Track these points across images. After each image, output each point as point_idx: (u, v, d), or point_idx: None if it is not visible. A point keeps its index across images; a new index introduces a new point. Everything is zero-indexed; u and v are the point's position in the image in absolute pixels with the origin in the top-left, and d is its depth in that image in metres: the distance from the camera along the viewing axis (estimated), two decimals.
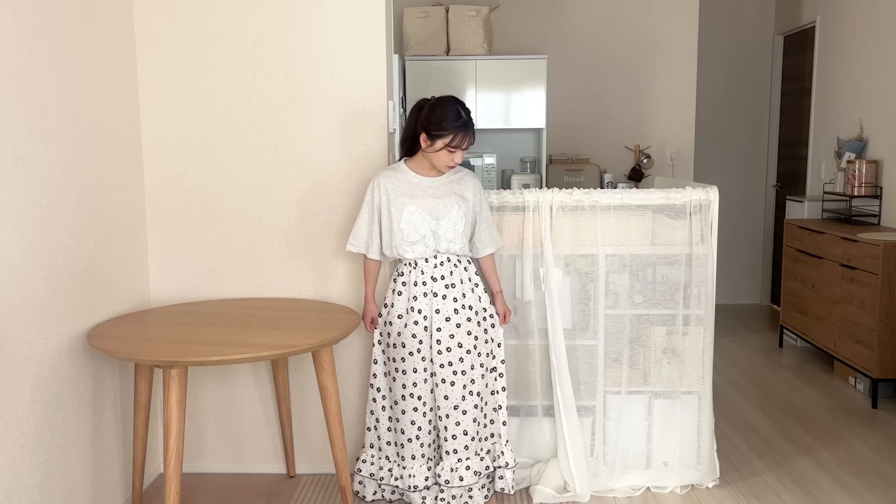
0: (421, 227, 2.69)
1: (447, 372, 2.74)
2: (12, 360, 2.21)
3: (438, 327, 2.73)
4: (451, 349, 2.73)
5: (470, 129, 2.66)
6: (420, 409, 2.76)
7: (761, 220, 6.47)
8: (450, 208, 2.70)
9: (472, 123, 2.67)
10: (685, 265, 3.01)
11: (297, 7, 2.97)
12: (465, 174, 2.81)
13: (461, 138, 2.63)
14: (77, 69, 2.56)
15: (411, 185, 2.73)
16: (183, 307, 2.92)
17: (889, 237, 3.96)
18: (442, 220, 2.70)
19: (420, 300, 2.72)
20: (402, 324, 2.74)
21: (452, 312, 2.73)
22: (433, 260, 2.73)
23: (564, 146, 5.48)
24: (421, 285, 2.73)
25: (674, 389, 3.06)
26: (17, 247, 2.23)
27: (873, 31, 4.76)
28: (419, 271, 2.73)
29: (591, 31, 5.43)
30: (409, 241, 2.70)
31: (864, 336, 4.03)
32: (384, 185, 2.73)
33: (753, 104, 6.35)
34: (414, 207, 2.69)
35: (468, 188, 2.77)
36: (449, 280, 2.73)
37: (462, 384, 2.75)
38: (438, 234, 2.70)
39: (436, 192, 2.72)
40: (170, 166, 3.05)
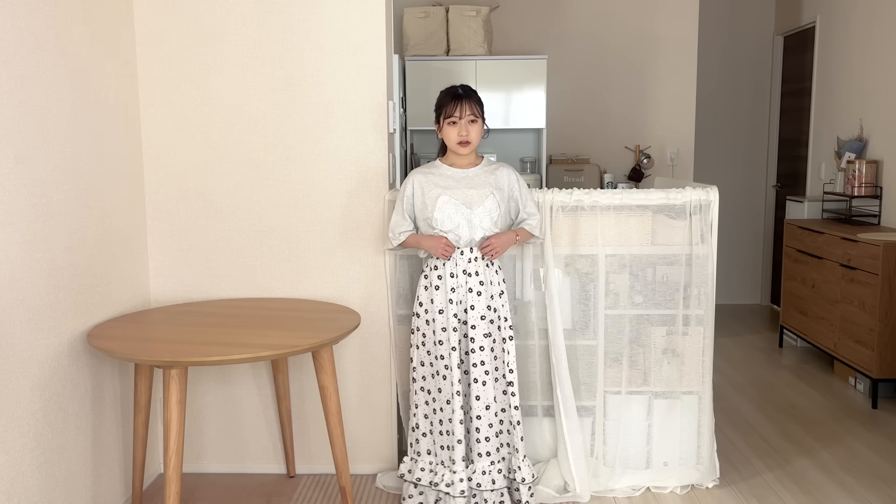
0: (455, 215, 2.70)
1: (479, 371, 2.71)
2: (12, 360, 2.21)
3: (473, 325, 2.71)
4: (484, 348, 2.71)
5: (463, 99, 2.70)
6: (457, 411, 2.69)
7: (761, 220, 6.47)
8: (484, 198, 2.71)
9: (467, 95, 2.72)
10: (685, 265, 3.01)
11: (297, 7, 2.97)
12: (500, 166, 2.83)
13: (452, 107, 2.69)
14: (77, 69, 2.56)
15: (444, 177, 2.75)
16: (183, 307, 2.92)
17: (889, 237, 3.96)
18: (476, 209, 2.70)
19: (457, 292, 2.71)
20: (445, 318, 2.71)
21: (486, 310, 2.72)
22: (468, 253, 2.72)
23: (564, 146, 5.47)
24: (455, 277, 2.71)
25: (674, 389, 3.05)
26: (17, 247, 2.23)
27: (873, 31, 4.76)
28: (453, 263, 2.72)
29: (591, 31, 5.43)
30: (444, 230, 2.71)
31: (864, 336, 4.03)
32: (417, 180, 2.76)
33: (753, 104, 6.35)
34: (447, 197, 2.70)
35: (503, 178, 2.78)
36: (483, 277, 2.73)
37: (492, 385, 2.72)
38: (473, 223, 2.70)
39: (469, 182, 2.74)
40: (170, 166, 3.05)
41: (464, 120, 2.70)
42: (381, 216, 3.04)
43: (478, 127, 2.73)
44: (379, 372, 3.14)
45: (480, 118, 2.74)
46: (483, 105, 2.76)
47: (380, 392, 3.15)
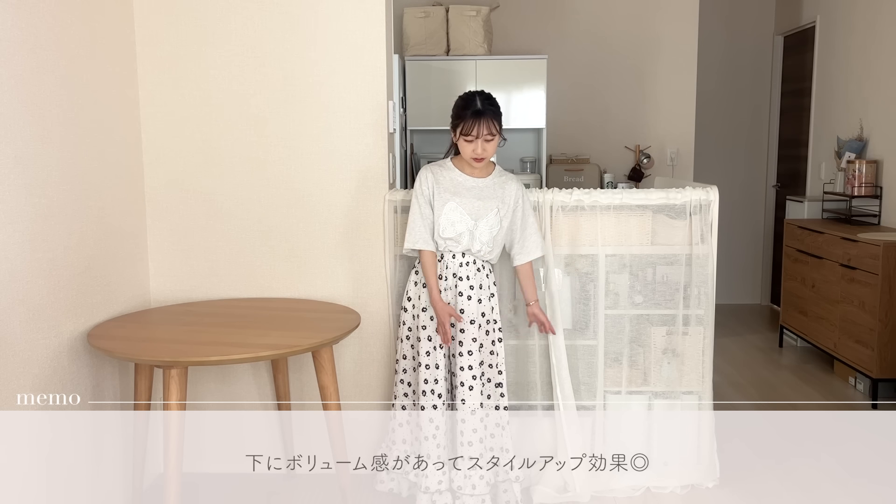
0: (458, 224, 2.68)
1: (466, 375, 2.71)
2: (12, 360, 2.21)
3: (462, 329, 2.71)
4: (473, 352, 2.71)
5: (483, 118, 2.60)
6: (440, 408, 2.71)
7: (761, 220, 6.47)
8: (489, 211, 2.70)
9: (488, 112, 2.62)
10: (685, 265, 3.00)
11: (297, 7, 2.97)
12: (510, 179, 2.79)
13: (470, 125, 2.61)
14: (77, 69, 2.56)
15: (455, 182, 2.73)
16: (183, 307, 2.92)
17: (889, 237, 3.96)
18: (480, 222, 2.69)
19: (446, 294, 2.71)
20: (428, 316, 2.72)
21: (476, 314, 2.72)
22: (460, 258, 2.72)
23: (564, 146, 5.47)
24: (446, 280, 2.71)
25: (674, 389, 3.05)
26: (17, 247, 2.22)
27: (873, 32, 4.75)
28: (444, 265, 2.72)
29: (592, 31, 5.43)
30: (445, 236, 2.70)
31: (864, 336, 4.03)
32: (430, 178, 2.73)
33: (753, 104, 6.35)
34: (455, 204, 2.68)
35: (510, 193, 2.75)
36: (473, 282, 2.72)
37: (479, 389, 2.72)
38: (474, 235, 2.69)
39: (479, 193, 2.72)
40: (170, 166, 3.05)
41: (481, 139, 2.64)
42: (381, 216, 3.04)
43: (494, 143, 2.68)
44: (379, 372, 3.14)
45: (499, 134, 2.68)
46: (501, 116, 2.68)
47: (380, 392, 3.15)
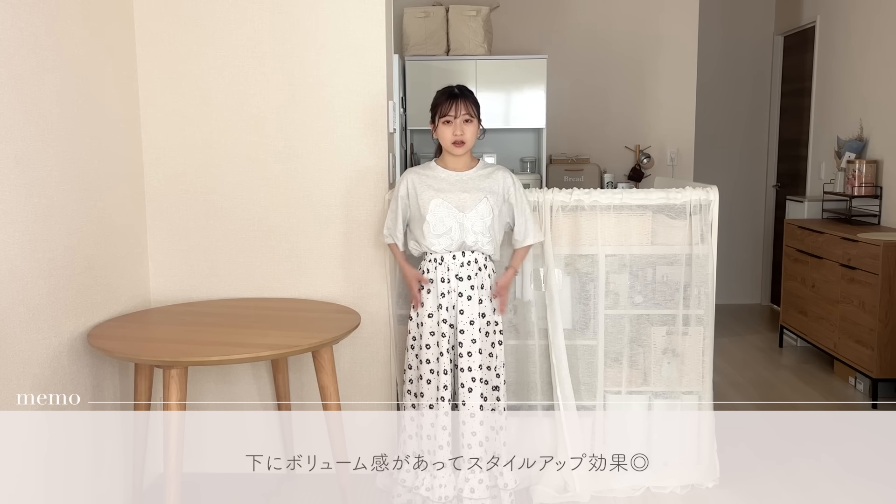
0: (447, 219, 2.68)
1: (466, 377, 2.70)
2: (12, 360, 2.21)
3: (462, 329, 2.71)
4: (472, 354, 2.70)
5: (459, 98, 2.69)
6: (450, 415, 2.69)
7: (761, 220, 6.47)
8: (477, 202, 2.70)
9: (463, 95, 2.70)
10: (685, 265, 3.01)
11: (297, 7, 2.97)
12: (496, 169, 2.81)
13: (448, 105, 2.68)
14: (77, 69, 2.56)
15: (438, 179, 2.74)
16: (183, 307, 2.92)
17: (889, 237, 3.96)
18: (468, 213, 2.69)
19: (447, 297, 2.71)
20: (434, 322, 2.72)
21: (476, 315, 2.71)
22: (460, 257, 2.72)
23: (564, 146, 5.47)
24: (447, 282, 2.71)
25: (674, 389, 3.05)
26: (16, 247, 2.22)
27: (873, 32, 4.76)
28: (445, 267, 2.72)
29: (592, 31, 5.43)
30: (436, 233, 2.70)
31: (864, 336, 4.03)
32: (411, 180, 2.75)
33: (753, 104, 6.35)
34: (440, 200, 2.69)
35: (498, 182, 2.76)
36: (474, 281, 2.72)
37: (479, 392, 2.71)
38: (465, 227, 2.69)
39: (463, 186, 2.73)
40: (170, 166, 3.05)
41: (459, 119, 2.68)
42: (381, 216, 3.04)
43: (473, 127, 2.71)
44: (379, 372, 3.14)
45: (476, 118, 2.72)
46: (479, 105, 2.74)
47: (380, 392, 3.15)
